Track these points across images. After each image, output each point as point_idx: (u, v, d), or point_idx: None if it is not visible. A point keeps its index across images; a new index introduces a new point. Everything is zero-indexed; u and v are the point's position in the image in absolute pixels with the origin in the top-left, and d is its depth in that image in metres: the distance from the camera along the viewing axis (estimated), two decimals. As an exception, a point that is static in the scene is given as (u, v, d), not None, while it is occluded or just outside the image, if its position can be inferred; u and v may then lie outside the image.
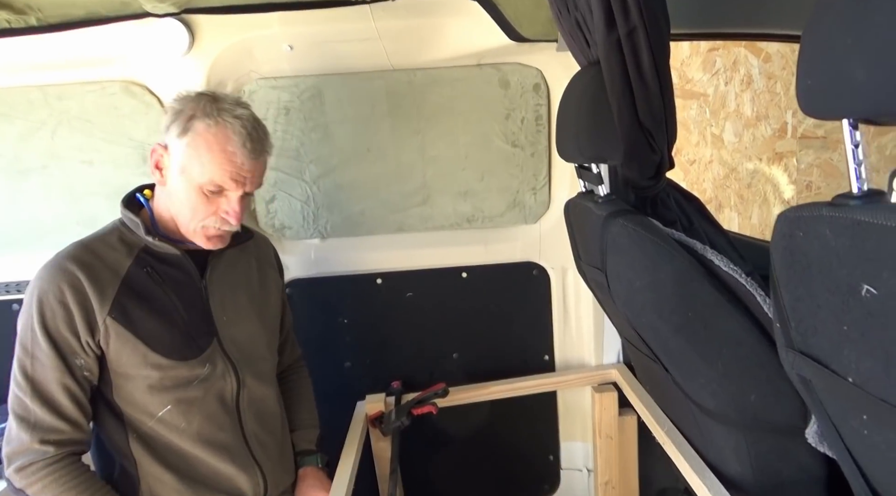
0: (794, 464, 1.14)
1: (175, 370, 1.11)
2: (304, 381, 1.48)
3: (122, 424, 1.12)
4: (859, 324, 0.58)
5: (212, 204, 1.11)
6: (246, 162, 1.09)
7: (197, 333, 1.15)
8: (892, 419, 0.56)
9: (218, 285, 1.21)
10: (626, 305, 1.24)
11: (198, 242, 1.14)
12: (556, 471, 1.85)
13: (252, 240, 1.33)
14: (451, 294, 1.75)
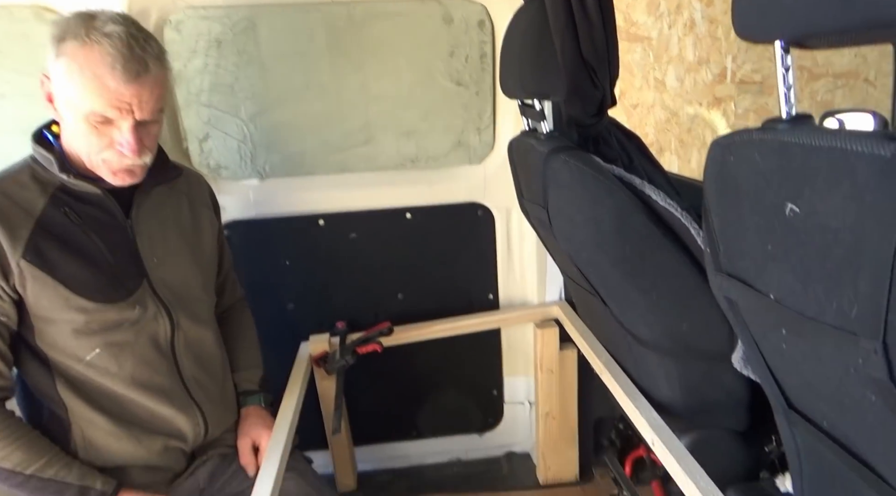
0: (720, 388, 1.21)
1: (102, 313, 1.06)
2: (245, 322, 1.46)
3: (47, 369, 1.07)
4: (782, 242, 0.60)
5: (104, 135, 1.02)
6: (121, 87, 0.97)
7: (124, 275, 1.10)
8: (807, 331, 0.60)
9: (145, 225, 1.15)
10: (567, 241, 1.26)
11: (106, 178, 1.07)
12: (500, 405, 1.91)
13: (182, 177, 1.26)
14: (395, 235, 1.74)
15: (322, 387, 1.67)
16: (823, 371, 0.60)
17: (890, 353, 0.50)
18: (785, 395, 0.78)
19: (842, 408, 0.62)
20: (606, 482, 1.80)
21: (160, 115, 1.07)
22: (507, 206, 1.74)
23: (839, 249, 0.53)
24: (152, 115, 1.03)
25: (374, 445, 1.91)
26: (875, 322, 0.50)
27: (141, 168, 1.09)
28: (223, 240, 1.39)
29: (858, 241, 0.50)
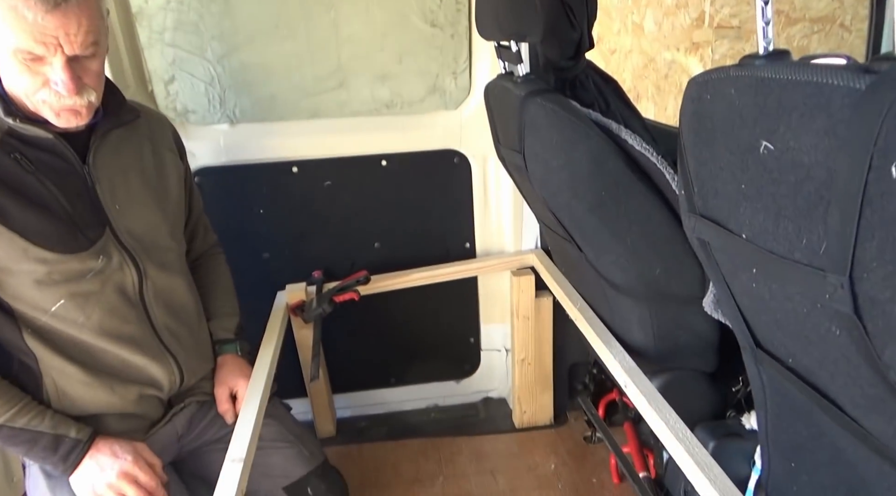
0: (691, 331, 1.23)
1: (63, 264, 1.03)
2: (219, 268, 1.44)
3: (13, 320, 1.05)
4: (755, 181, 0.60)
5: (37, 74, 0.95)
6: (41, 18, 0.90)
7: (84, 224, 1.06)
8: (776, 270, 0.60)
9: (104, 171, 1.10)
10: (542, 186, 1.25)
11: (50, 120, 1.01)
12: (477, 353, 1.94)
13: (142, 120, 1.20)
14: (370, 183, 1.71)
15: (300, 335, 1.67)
16: (791, 308, 0.61)
17: (856, 288, 0.50)
18: (753, 335, 0.80)
19: (807, 343, 0.63)
20: (580, 424, 1.85)
21: (97, 48, 0.99)
22: (483, 154, 1.71)
23: (811, 186, 0.53)
24: (84, 48, 0.95)
25: (352, 393, 1.93)
26: (843, 257, 0.50)
27: (86, 108, 1.02)
28: (191, 184, 1.35)
29: (830, 176, 0.50)
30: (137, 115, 1.19)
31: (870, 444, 0.62)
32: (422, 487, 1.63)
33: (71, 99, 0.98)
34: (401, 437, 1.83)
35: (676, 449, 1.01)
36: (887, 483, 0.63)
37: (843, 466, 0.72)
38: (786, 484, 0.89)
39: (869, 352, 0.51)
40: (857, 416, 0.63)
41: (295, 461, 1.37)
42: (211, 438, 1.32)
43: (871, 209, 0.46)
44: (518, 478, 1.65)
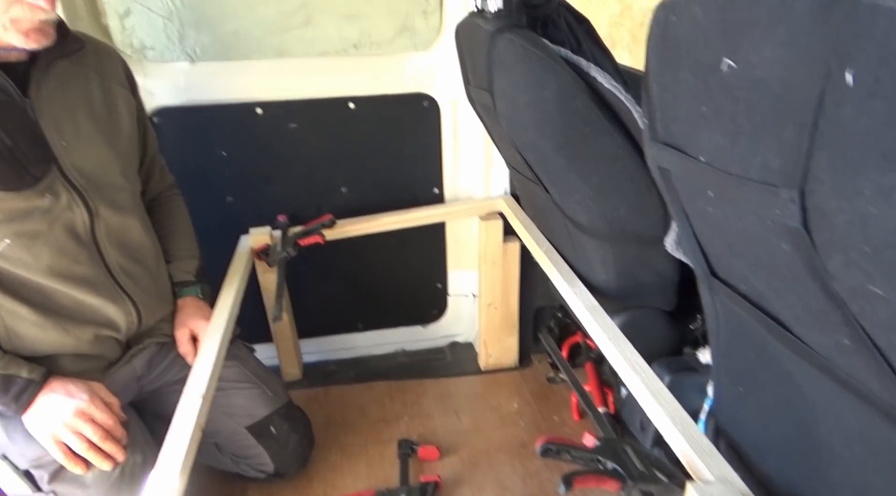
0: (652, 270, 1.26)
1: (6, 202, 0.99)
2: (177, 210, 1.41)
3: None
4: (716, 101, 0.60)
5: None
6: None
7: (28, 161, 1.01)
8: (731, 190, 0.61)
9: (48, 105, 1.05)
10: (510, 125, 1.25)
11: (15, 43, 0.96)
12: (444, 298, 1.95)
13: (88, 51, 1.14)
14: (337, 126, 1.68)
15: (264, 279, 1.66)
16: (744, 228, 0.63)
17: (806, 201, 0.51)
18: (709, 264, 0.82)
19: (758, 265, 0.65)
20: (544, 367, 1.89)
21: None
22: (454, 98, 1.69)
23: (768, 101, 0.53)
24: None
25: (319, 338, 1.94)
26: (795, 171, 0.51)
27: (52, 27, 0.98)
28: (145, 121, 1.31)
29: (787, 89, 0.50)
30: (82, 46, 1.13)
31: (812, 361, 0.65)
32: (387, 426, 1.67)
33: (45, 13, 0.94)
34: (367, 381, 1.85)
35: (634, 383, 1.05)
36: (827, 397, 0.66)
37: (789, 387, 0.76)
38: (735, 408, 0.93)
39: (815, 264, 0.53)
40: (802, 334, 0.65)
41: (258, 401, 1.39)
42: (172, 379, 1.32)
43: (825, 119, 0.47)
44: (482, 417, 1.69)
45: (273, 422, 1.40)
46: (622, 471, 0.85)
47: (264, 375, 1.44)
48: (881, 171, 0.43)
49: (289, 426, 1.43)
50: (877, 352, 0.52)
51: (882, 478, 0.62)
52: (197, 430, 1.00)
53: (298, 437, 1.45)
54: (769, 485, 0.88)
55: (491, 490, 1.46)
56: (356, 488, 1.46)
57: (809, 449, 0.76)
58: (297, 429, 1.45)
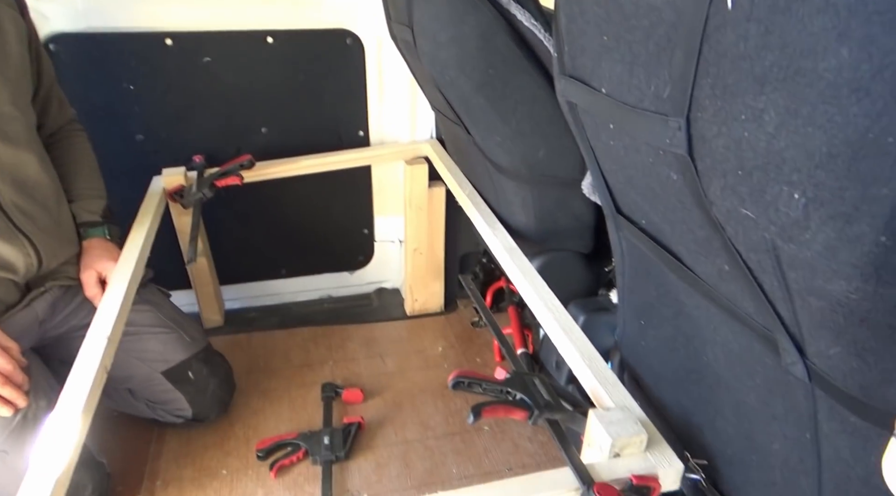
0: (570, 213, 1.28)
1: None
2: (79, 146, 1.32)
3: None
4: (615, 30, 0.60)
5: None
6: None
7: None
8: (628, 121, 0.62)
9: None
10: (431, 63, 1.22)
11: None
12: (370, 244, 1.94)
13: None
14: (255, 61, 1.59)
15: (180, 222, 1.59)
16: (640, 160, 0.64)
17: (691, 128, 0.52)
18: (614, 200, 0.84)
19: (654, 197, 0.67)
20: (469, 311, 1.93)
21: None
22: (378, 36, 1.63)
23: (661, 29, 0.53)
24: None
25: (241, 284, 1.89)
26: (682, 98, 0.52)
27: None
28: (38, 48, 1.20)
29: (678, 15, 0.51)
30: None
31: (700, 289, 0.68)
32: (311, 371, 1.66)
33: None
34: (292, 327, 1.84)
35: (549, 322, 1.07)
36: (712, 324, 0.70)
37: (682, 318, 0.79)
38: (636, 341, 0.98)
39: (698, 191, 0.55)
40: (691, 264, 0.68)
41: (174, 346, 1.35)
42: (78, 324, 1.26)
43: (709, 45, 0.48)
44: (406, 360, 1.71)
45: (191, 367, 1.37)
46: (529, 402, 0.88)
47: (181, 320, 1.40)
48: (754, 95, 0.44)
49: (208, 371, 1.40)
50: (750, 275, 0.55)
51: (755, 396, 0.66)
52: (101, 372, 0.96)
53: (218, 382, 1.43)
54: (665, 412, 0.94)
55: (414, 428, 1.49)
56: (279, 431, 1.46)
57: (698, 375, 0.80)
58: (216, 374, 1.43)
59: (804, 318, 0.51)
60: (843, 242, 0.43)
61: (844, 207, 0.42)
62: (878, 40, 0.36)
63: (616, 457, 0.76)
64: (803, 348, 0.54)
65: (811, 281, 0.47)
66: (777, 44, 0.42)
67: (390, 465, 1.38)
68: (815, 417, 0.56)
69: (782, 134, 0.44)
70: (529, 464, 1.39)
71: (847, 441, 0.54)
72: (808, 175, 0.43)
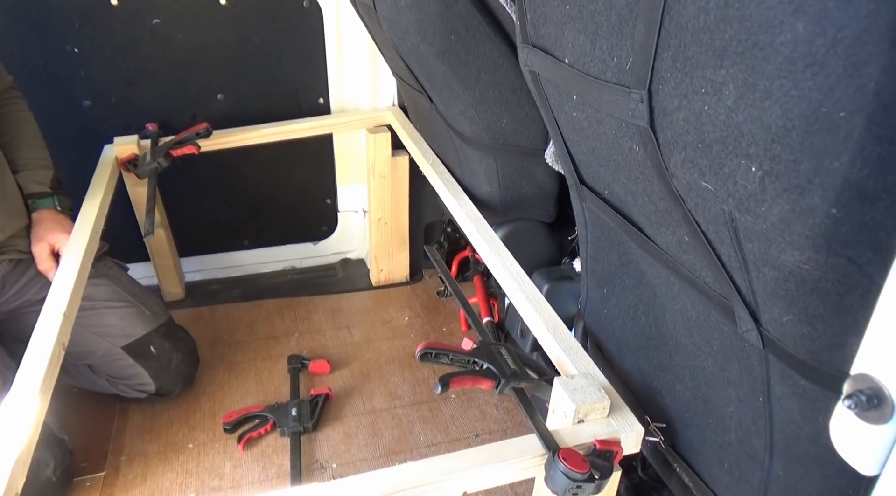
0: (533, 182, 1.29)
1: None
2: (20, 114, 1.26)
3: None
4: (578, 0, 0.59)
5: None
6: None
7: None
8: (592, 92, 0.62)
9: None
10: (392, 29, 1.19)
11: None
12: (334, 214, 1.91)
13: None
14: (209, 24, 1.53)
15: (135, 193, 1.54)
16: (603, 131, 0.64)
17: (653, 101, 0.52)
18: (577, 170, 0.84)
19: (617, 168, 0.67)
20: (434, 281, 1.93)
21: None
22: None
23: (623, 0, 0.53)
24: None
25: (202, 256, 1.85)
26: (644, 71, 0.52)
27: None
28: None
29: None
30: None
31: (660, 259, 0.69)
32: (277, 343, 1.65)
33: None
34: (256, 299, 1.81)
35: (513, 291, 1.08)
36: (672, 292, 0.72)
37: (644, 286, 0.81)
38: (599, 309, 0.99)
39: (659, 163, 0.55)
40: (653, 234, 0.69)
41: (134, 320, 1.32)
42: (31, 299, 1.22)
43: (670, 17, 0.47)
44: (373, 330, 1.72)
45: (153, 342, 1.35)
46: (496, 371, 0.89)
47: (140, 294, 1.37)
48: (714, 68, 0.44)
49: (170, 345, 1.38)
50: (709, 246, 0.56)
51: (713, 362, 0.68)
52: (58, 348, 0.93)
53: (182, 356, 1.41)
54: (627, 378, 0.97)
55: (381, 398, 1.50)
56: (245, 404, 1.45)
57: (658, 342, 0.82)
58: (179, 348, 1.41)
59: (759, 288, 0.53)
60: (796, 214, 0.44)
61: (798, 180, 0.43)
62: (832, 15, 0.36)
63: (580, 423, 0.78)
64: (758, 316, 0.56)
65: (766, 251, 0.49)
66: (736, 17, 0.41)
67: (358, 435, 1.39)
68: (768, 381, 0.59)
69: (741, 107, 0.44)
70: (496, 430, 1.42)
71: (797, 403, 0.56)
72: (765, 148, 0.44)
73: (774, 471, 0.64)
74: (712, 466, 0.77)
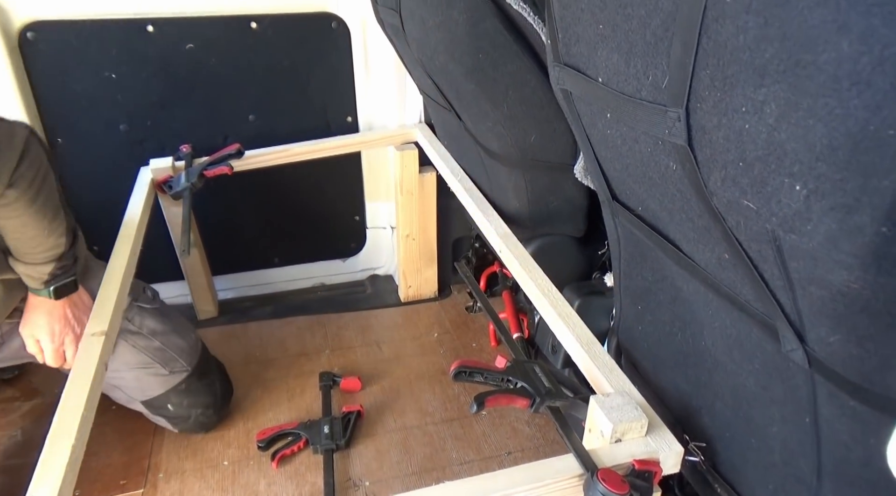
0: (563, 197, 1.28)
1: None
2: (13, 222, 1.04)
3: None
4: (611, 19, 0.59)
5: None
6: None
7: None
8: (626, 111, 0.62)
9: None
10: (420, 48, 1.20)
11: None
12: (362, 230, 1.93)
13: None
14: (240, 47, 1.57)
15: (170, 214, 1.58)
16: (638, 150, 0.64)
17: (690, 119, 0.52)
18: (610, 187, 0.83)
19: (651, 185, 0.66)
20: (463, 296, 1.93)
21: None
22: (363, 19, 1.61)
23: (658, 18, 0.53)
24: None
25: (234, 274, 1.88)
26: (681, 89, 0.52)
27: None
28: None
29: (675, 5, 0.50)
30: None
31: (699, 276, 0.68)
32: (308, 360, 1.66)
33: None
34: (286, 316, 1.83)
35: (544, 307, 1.07)
36: (710, 309, 0.70)
37: (680, 303, 0.80)
38: (633, 325, 0.98)
39: (698, 181, 0.54)
40: (690, 251, 0.68)
41: (151, 381, 1.29)
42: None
43: (707, 36, 0.47)
44: (402, 346, 1.72)
45: (170, 401, 1.32)
46: (531, 389, 0.89)
47: (162, 347, 1.29)
48: (754, 87, 0.44)
49: (189, 401, 1.34)
50: (750, 264, 0.55)
51: (754, 380, 0.67)
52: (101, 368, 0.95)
53: (201, 410, 1.37)
54: (664, 396, 0.95)
55: (412, 415, 1.50)
56: (278, 421, 1.46)
57: (696, 359, 0.81)
58: (198, 404, 1.36)
59: (804, 307, 0.52)
60: (844, 233, 0.43)
61: (846, 198, 0.42)
62: (878, 32, 0.36)
63: (617, 443, 0.77)
64: (803, 335, 0.54)
65: (812, 271, 0.48)
66: (776, 36, 0.41)
67: (391, 452, 1.39)
68: (815, 401, 0.57)
69: (783, 126, 0.43)
70: (528, 447, 1.41)
71: (846, 424, 0.55)
72: (810, 167, 0.43)
73: (823, 495, 0.62)
74: (756, 488, 0.75)
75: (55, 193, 1.08)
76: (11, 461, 1.34)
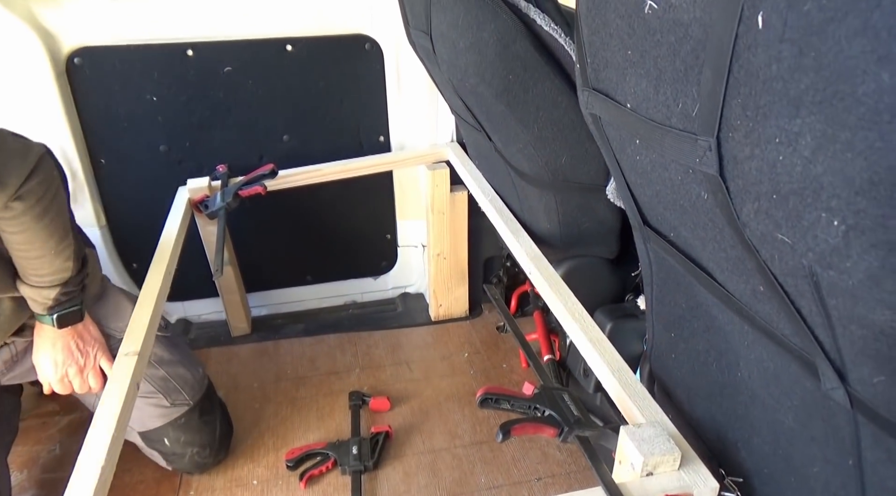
0: (594, 218, 1.26)
1: None
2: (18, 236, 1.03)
3: None
4: (640, 45, 0.58)
5: None
6: None
7: None
8: (655, 138, 0.60)
9: None
10: (451, 70, 1.20)
11: None
12: (394, 249, 1.93)
13: None
14: (275, 69, 1.60)
15: (205, 233, 1.61)
16: (668, 177, 0.62)
17: (722, 148, 0.50)
18: (641, 212, 0.81)
19: (682, 213, 0.64)
20: (494, 316, 1.91)
21: None
22: (396, 41, 1.62)
23: (688, 46, 0.51)
24: None
25: (267, 292, 1.91)
26: (712, 118, 0.50)
27: None
28: None
29: (706, 33, 0.49)
30: None
31: (733, 307, 0.66)
32: (338, 378, 1.67)
33: None
34: (318, 333, 1.84)
35: (574, 331, 1.06)
36: (746, 341, 0.68)
37: (714, 332, 0.77)
38: (667, 353, 0.95)
39: (730, 212, 0.53)
40: (724, 281, 0.66)
41: (151, 411, 1.27)
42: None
43: (739, 64, 0.46)
44: (432, 367, 1.71)
45: (167, 435, 1.29)
46: (559, 418, 0.87)
47: (167, 377, 1.27)
48: (789, 118, 0.42)
49: (186, 439, 1.30)
50: (786, 298, 0.52)
51: (793, 416, 0.64)
52: (133, 388, 0.97)
53: (197, 449, 1.33)
54: (699, 428, 0.92)
55: (441, 437, 1.48)
56: (307, 440, 1.47)
57: (732, 390, 0.78)
58: (195, 442, 1.32)
59: (845, 345, 0.49)
60: (886, 272, 0.41)
61: (888, 236, 0.40)
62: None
63: (649, 476, 0.74)
64: (844, 374, 0.52)
65: (853, 309, 0.45)
66: (812, 66, 0.39)
67: (419, 475, 1.38)
68: (858, 444, 0.54)
69: (819, 158, 0.41)
70: (559, 473, 1.37)
71: (893, 470, 0.51)
72: (848, 202, 0.41)
73: (868, 542, 0.58)
74: (796, 529, 0.72)
75: (64, 215, 1.07)
76: (48, 475, 1.37)
